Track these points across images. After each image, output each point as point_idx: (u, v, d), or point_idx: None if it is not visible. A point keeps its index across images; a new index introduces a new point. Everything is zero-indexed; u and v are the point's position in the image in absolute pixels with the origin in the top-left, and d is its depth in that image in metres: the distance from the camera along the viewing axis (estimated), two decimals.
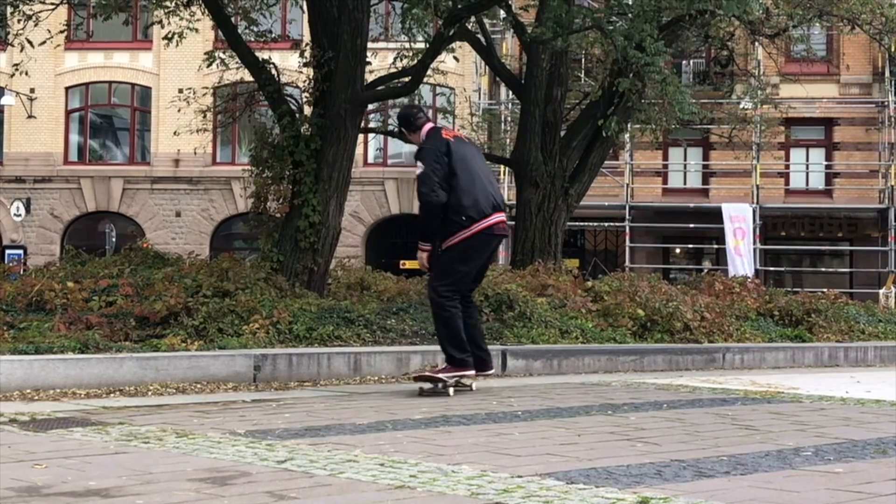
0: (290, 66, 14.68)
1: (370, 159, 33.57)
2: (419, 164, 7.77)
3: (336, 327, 9.89)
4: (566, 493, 4.03)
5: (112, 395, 7.68)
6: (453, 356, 7.86)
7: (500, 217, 7.92)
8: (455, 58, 18.08)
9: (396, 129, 8.74)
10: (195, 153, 29.83)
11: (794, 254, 33.54)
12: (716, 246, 31.69)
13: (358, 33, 12.26)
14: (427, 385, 7.88)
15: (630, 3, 13.06)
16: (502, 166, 28.37)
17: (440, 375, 7.82)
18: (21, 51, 14.33)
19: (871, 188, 32.25)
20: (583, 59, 23.58)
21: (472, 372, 7.94)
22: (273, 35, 15.01)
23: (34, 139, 34.25)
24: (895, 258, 30.34)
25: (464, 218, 7.70)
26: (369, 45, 12.73)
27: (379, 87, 13.42)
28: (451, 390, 7.78)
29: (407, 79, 13.30)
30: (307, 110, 12.86)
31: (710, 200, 31.58)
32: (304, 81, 13.07)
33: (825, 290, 16.94)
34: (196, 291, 10.11)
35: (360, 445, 5.15)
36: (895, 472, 4.61)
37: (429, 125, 8.11)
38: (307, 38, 13.06)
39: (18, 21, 13.92)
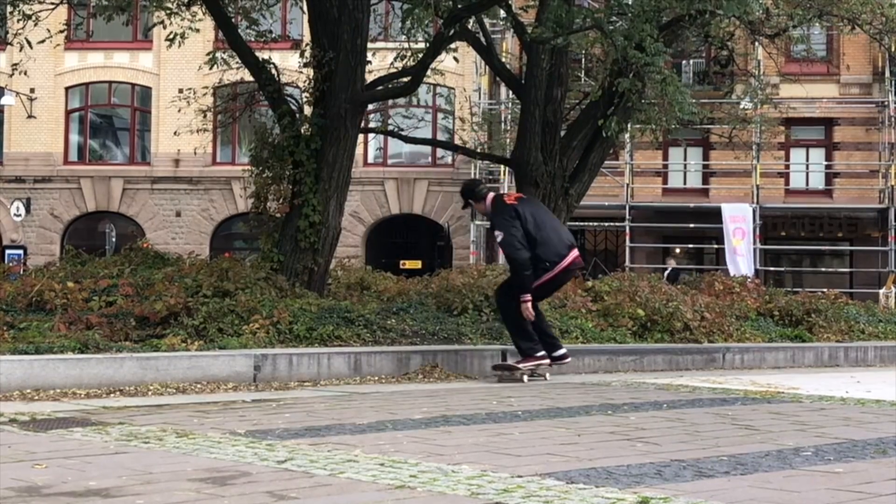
0: (290, 66, 14.67)
1: (370, 159, 33.55)
2: (497, 232, 9.03)
3: (336, 327, 9.89)
4: (566, 493, 4.03)
5: (112, 395, 7.67)
6: (522, 347, 9.02)
7: (575, 253, 9.23)
8: (455, 58, 18.04)
9: (461, 203, 9.95)
10: (195, 153, 29.80)
11: (794, 254, 33.50)
12: (716, 246, 31.66)
13: (358, 33, 12.26)
14: (505, 373, 9.04)
15: (630, 3, 13.05)
16: (502, 166, 28.34)
17: (518, 365, 9.00)
18: (20, 50, 14.31)
19: (871, 188, 32.22)
20: (583, 59, 23.52)
21: (547, 361, 9.06)
22: (273, 35, 15.00)
23: (34, 139, 34.22)
24: (895, 258, 30.32)
25: (548, 264, 9.00)
26: (369, 45, 12.73)
27: (379, 87, 13.42)
28: (525, 378, 8.90)
29: (407, 79, 13.30)
30: (307, 110, 12.86)
31: (710, 200, 31.54)
32: (304, 81, 13.06)
33: (825, 290, 16.92)
34: (196, 291, 10.11)
35: (360, 445, 5.15)
36: (895, 472, 4.61)
37: (491, 194, 9.42)
38: (307, 38, 13.05)
39: (18, 21, 13.91)
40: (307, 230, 11.79)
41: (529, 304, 8.89)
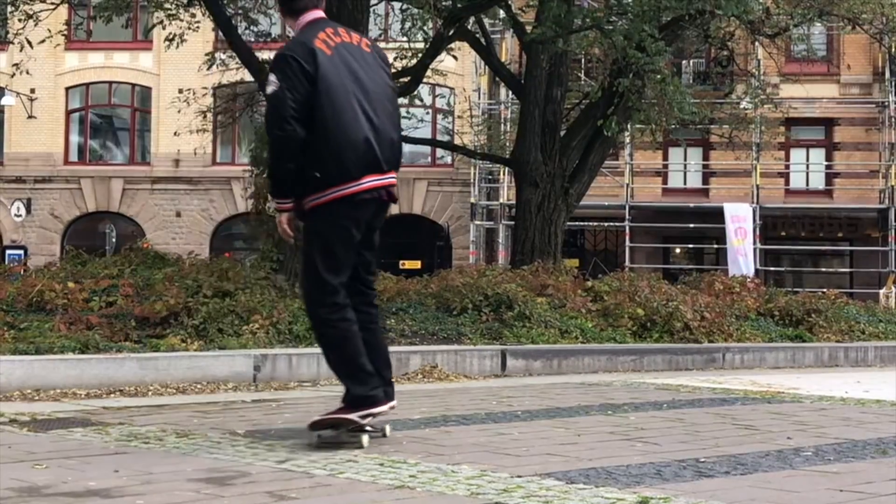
0: None
1: None
2: (271, 76, 5.08)
3: None
4: (566, 493, 4.03)
5: (112, 395, 7.67)
6: (354, 393, 5.23)
7: (377, 180, 5.25)
8: (454, 57, 18.06)
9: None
10: (195, 153, 29.82)
11: (795, 254, 33.51)
12: (716, 246, 31.67)
13: None
14: (328, 432, 5.20)
15: (630, 3, 13.06)
16: (502, 166, 28.36)
17: (344, 416, 5.16)
18: (21, 50, 14.33)
19: (871, 188, 32.23)
20: (583, 59, 23.56)
21: (385, 407, 5.25)
22: (273, 36, 15.03)
23: (34, 139, 34.24)
24: (895, 258, 30.33)
25: (317, 175, 5.12)
26: None
27: None
28: (364, 438, 5.10)
29: (407, 79, 13.31)
30: None
31: (711, 200, 31.56)
32: None
33: (825, 290, 16.92)
34: (196, 291, 10.11)
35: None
36: (895, 472, 4.61)
37: (311, 15, 5.29)
38: None
39: (19, 21, 13.94)
40: None
41: (286, 218, 5.22)
